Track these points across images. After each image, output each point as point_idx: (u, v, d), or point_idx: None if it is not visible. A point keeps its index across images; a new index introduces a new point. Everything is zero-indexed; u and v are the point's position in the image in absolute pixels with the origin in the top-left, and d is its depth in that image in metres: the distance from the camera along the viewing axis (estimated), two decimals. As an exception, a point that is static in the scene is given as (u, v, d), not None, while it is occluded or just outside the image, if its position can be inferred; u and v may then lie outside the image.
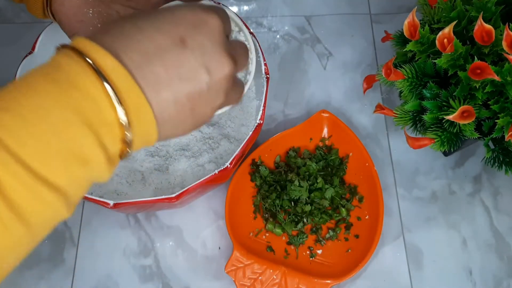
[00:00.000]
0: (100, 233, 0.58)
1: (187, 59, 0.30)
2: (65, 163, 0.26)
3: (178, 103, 0.30)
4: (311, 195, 0.55)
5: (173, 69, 0.29)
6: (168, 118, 0.30)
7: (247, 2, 0.73)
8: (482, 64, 0.43)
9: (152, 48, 0.29)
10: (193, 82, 0.30)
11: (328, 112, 0.60)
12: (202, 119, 0.33)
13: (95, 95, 0.26)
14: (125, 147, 0.29)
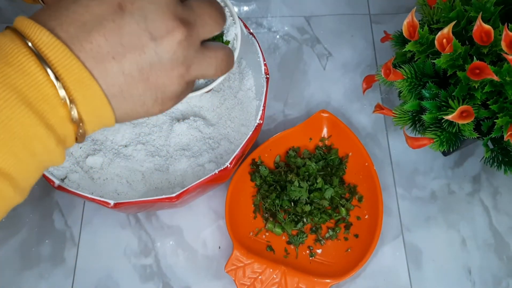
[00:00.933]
0: (101, 232, 0.58)
1: (127, 25, 0.27)
2: (7, 146, 0.25)
3: (128, 75, 0.28)
4: (310, 195, 0.56)
5: (113, 37, 0.27)
6: (120, 91, 0.28)
7: (247, 3, 0.73)
8: (481, 64, 0.43)
9: (89, 18, 0.27)
10: (139, 50, 0.28)
11: (327, 112, 0.60)
12: (162, 92, 0.30)
13: (32, 73, 0.25)
14: (76, 127, 0.27)
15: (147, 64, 0.28)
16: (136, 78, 0.28)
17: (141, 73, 0.28)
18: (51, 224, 0.58)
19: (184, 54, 0.29)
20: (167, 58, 0.29)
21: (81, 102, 0.27)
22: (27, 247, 0.57)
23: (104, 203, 0.45)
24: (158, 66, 0.29)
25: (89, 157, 0.52)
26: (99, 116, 0.28)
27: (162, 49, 0.28)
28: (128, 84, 0.28)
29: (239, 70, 0.58)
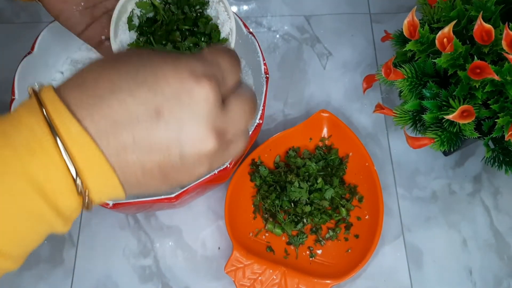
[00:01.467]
0: (100, 233, 0.58)
1: (160, 132, 0.27)
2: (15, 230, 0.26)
3: (147, 171, 0.28)
4: (311, 195, 0.55)
5: (142, 140, 0.27)
6: (136, 182, 0.28)
7: (247, 2, 0.73)
8: (481, 63, 0.43)
9: (122, 116, 0.27)
10: (164, 154, 0.28)
11: (328, 112, 0.59)
12: (179, 184, 0.30)
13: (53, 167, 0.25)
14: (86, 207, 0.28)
15: (170, 166, 0.28)
16: (155, 175, 0.28)
17: (162, 171, 0.28)
18: (50, 225, 0.58)
19: (209, 161, 0.29)
20: (191, 163, 0.29)
21: (95, 190, 0.27)
22: (26, 248, 0.57)
23: (103, 204, 0.45)
24: (181, 168, 0.29)
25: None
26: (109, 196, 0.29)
27: (188, 157, 0.28)
28: (145, 178, 0.28)
29: (238, 70, 0.58)
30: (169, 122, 0.27)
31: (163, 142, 0.27)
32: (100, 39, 0.47)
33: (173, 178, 0.29)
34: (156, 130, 0.27)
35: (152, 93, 0.27)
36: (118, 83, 0.27)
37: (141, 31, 0.48)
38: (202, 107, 0.28)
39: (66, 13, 0.44)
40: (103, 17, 0.46)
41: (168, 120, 0.27)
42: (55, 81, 0.56)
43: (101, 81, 0.27)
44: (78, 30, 0.45)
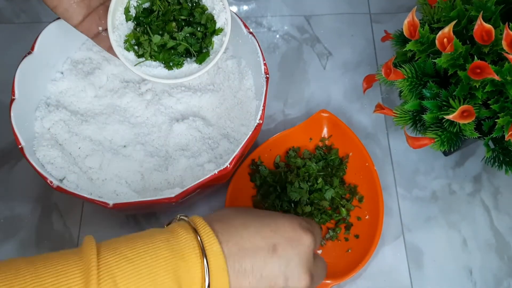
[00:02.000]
0: (100, 233, 0.58)
1: (273, 264, 0.36)
2: None
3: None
4: (311, 196, 0.55)
5: (258, 268, 0.35)
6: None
7: (247, 2, 0.73)
8: (482, 63, 0.43)
9: (249, 246, 0.35)
10: (270, 283, 0.36)
11: (328, 112, 0.59)
12: None
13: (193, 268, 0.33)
14: None
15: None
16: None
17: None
18: (50, 225, 0.58)
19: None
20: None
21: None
22: (26, 248, 0.57)
23: (103, 204, 0.45)
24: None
25: (88, 157, 0.52)
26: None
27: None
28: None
29: (238, 70, 0.58)
30: (281, 257, 0.36)
31: (273, 273, 0.36)
32: (97, 30, 0.47)
33: None
34: (271, 262, 0.36)
35: (273, 233, 0.37)
36: (249, 223, 0.37)
37: (138, 22, 0.48)
38: (305, 251, 0.37)
39: (63, 5, 0.45)
40: (100, 8, 0.47)
41: (281, 255, 0.36)
42: (56, 81, 0.56)
43: (236, 219, 0.37)
44: (75, 21, 0.46)
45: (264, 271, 0.35)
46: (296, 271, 0.36)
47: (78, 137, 0.53)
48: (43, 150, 0.50)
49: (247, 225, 0.37)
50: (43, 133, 0.52)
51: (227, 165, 0.47)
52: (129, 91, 0.57)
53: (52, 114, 0.53)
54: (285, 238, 0.37)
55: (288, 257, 0.36)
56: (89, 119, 0.55)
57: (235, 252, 0.35)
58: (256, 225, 0.37)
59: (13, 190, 0.60)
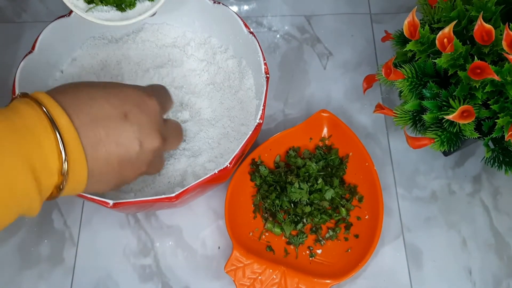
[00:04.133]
0: (100, 232, 0.58)
1: (127, 131, 0.36)
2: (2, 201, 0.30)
3: (110, 164, 0.36)
4: (311, 196, 0.55)
5: (113, 135, 0.36)
6: (98, 175, 0.36)
7: (247, 2, 0.73)
8: (482, 63, 0.43)
9: (101, 115, 0.35)
10: (126, 149, 0.37)
11: (328, 112, 0.60)
12: (124, 181, 0.39)
13: (45, 145, 0.32)
14: (56, 192, 0.34)
15: (127, 160, 0.37)
16: (114, 169, 0.37)
17: (120, 166, 0.37)
18: (50, 224, 0.58)
19: (152, 159, 0.40)
20: (141, 160, 0.38)
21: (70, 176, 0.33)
22: (26, 247, 0.57)
23: (103, 203, 0.45)
24: (133, 163, 0.38)
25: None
26: (74, 188, 0.35)
27: (141, 153, 0.38)
28: (107, 172, 0.36)
29: (239, 70, 0.58)
30: (133, 124, 0.37)
31: (128, 138, 0.37)
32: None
33: (124, 174, 0.38)
34: (124, 129, 0.36)
35: (121, 102, 0.37)
36: (95, 94, 0.36)
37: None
38: (154, 115, 0.39)
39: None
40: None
41: (133, 122, 0.37)
42: (57, 80, 0.56)
43: (81, 93, 0.36)
44: None
45: (119, 138, 0.36)
46: (149, 134, 0.38)
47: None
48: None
49: (94, 96, 0.36)
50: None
51: (227, 164, 0.47)
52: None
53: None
54: (133, 105, 0.38)
55: (139, 122, 0.37)
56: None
57: (87, 123, 0.34)
58: (103, 95, 0.37)
59: (13, 189, 0.60)
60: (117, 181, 0.39)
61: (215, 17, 0.57)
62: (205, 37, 0.61)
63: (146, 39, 0.60)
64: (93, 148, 0.35)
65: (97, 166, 0.35)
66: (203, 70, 0.59)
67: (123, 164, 0.37)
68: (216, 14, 0.56)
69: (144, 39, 0.60)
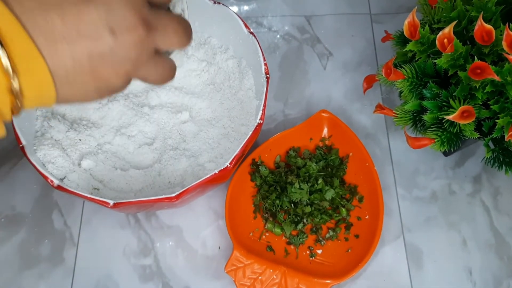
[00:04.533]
0: (100, 232, 0.58)
1: (89, 14, 0.27)
2: None
3: (76, 60, 0.28)
4: (311, 196, 0.55)
5: (72, 22, 0.27)
6: (66, 74, 0.28)
7: (247, 2, 0.73)
8: (482, 64, 0.43)
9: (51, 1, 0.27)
10: (94, 40, 0.28)
11: (328, 112, 0.60)
12: (106, 85, 0.30)
13: None
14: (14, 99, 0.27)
15: (99, 55, 0.28)
16: (84, 67, 0.28)
17: (91, 62, 0.28)
18: (50, 224, 0.58)
19: (137, 54, 0.29)
20: (120, 55, 0.29)
21: (24, 74, 0.26)
22: (26, 247, 0.57)
23: (103, 203, 0.45)
24: (109, 59, 0.29)
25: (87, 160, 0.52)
26: (40, 93, 0.28)
27: (117, 45, 0.28)
28: (75, 70, 0.28)
29: (239, 70, 0.58)
30: (98, 4, 0.27)
31: (92, 25, 0.27)
32: None
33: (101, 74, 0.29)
34: (86, 11, 0.27)
35: None
36: None
37: None
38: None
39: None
40: None
41: (97, 2, 0.27)
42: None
43: None
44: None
45: (79, 24, 0.27)
46: (122, 16, 0.28)
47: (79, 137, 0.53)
48: (44, 149, 0.50)
49: None
50: (44, 133, 0.52)
51: (228, 164, 0.47)
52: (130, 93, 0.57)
53: (53, 113, 0.53)
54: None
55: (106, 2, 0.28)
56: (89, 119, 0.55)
57: (31, 7, 0.26)
58: None
59: (14, 189, 0.60)
60: (96, 84, 0.30)
61: (215, 17, 0.57)
62: (205, 37, 0.61)
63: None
64: (47, 40, 0.27)
65: (61, 63, 0.27)
66: (203, 70, 0.59)
67: (94, 60, 0.28)
68: (216, 14, 0.56)
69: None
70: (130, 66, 0.30)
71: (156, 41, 0.30)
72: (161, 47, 0.31)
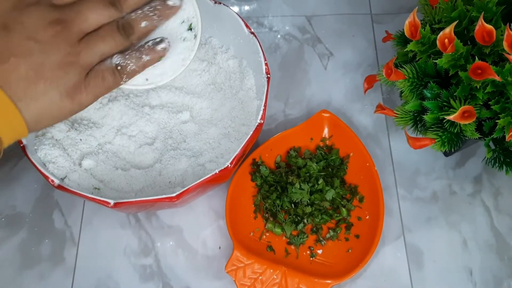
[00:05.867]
0: (101, 232, 0.58)
1: (13, 38, 0.33)
2: None
3: (25, 76, 0.33)
4: (311, 197, 0.55)
5: (3, 49, 0.33)
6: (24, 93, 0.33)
7: (248, 2, 0.73)
8: (483, 64, 0.43)
9: None
10: (27, 53, 0.33)
11: (328, 112, 0.60)
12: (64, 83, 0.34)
13: None
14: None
15: (38, 63, 0.33)
16: (33, 77, 0.33)
17: (36, 71, 0.33)
18: (51, 224, 0.58)
19: (64, 45, 0.34)
20: (52, 52, 0.34)
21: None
22: (27, 247, 0.57)
23: (104, 203, 0.45)
24: (48, 61, 0.33)
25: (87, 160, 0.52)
26: (7, 124, 0.32)
27: (44, 46, 0.34)
28: (29, 84, 0.33)
29: (240, 70, 0.58)
30: (16, 29, 0.33)
31: (20, 44, 0.33)
32: None
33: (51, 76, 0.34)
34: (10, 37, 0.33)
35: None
36: None
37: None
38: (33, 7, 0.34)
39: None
40: None
41: (15, 27, 0.33)
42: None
43: None
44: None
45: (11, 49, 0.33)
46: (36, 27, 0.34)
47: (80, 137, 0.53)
48: (45, 149, 0.50)
49: None
50: (44, 132, 0.52)
51: (228, 164, 0.47)
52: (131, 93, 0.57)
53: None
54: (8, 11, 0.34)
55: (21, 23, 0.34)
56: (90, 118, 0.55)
57: None
58: None
59: (14, 189, 0.60)
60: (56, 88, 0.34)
61: (216, 18, 0.57)
62: (206, 38, 0.61)
63: (147, 39, 0.60)
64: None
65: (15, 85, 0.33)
66: (204, 70, 0.59)
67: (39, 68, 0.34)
68: (217, 14, 0.56)
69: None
70: (69, 56, 0.35)
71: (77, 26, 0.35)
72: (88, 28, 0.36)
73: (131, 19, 0.38)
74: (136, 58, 0.38)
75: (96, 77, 0.37)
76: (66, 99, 0.35)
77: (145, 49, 0.39)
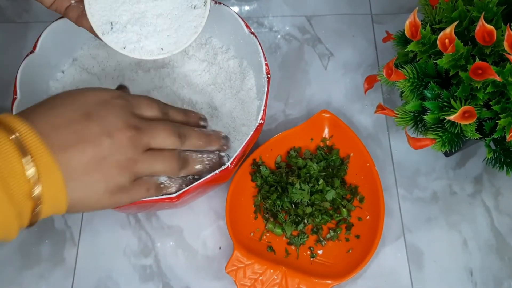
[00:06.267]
0: (101, 233, 0.58)
1: (91, 127, 0.36)
2: None
3: (86, 163, 0.36)
4: (312, 197, 0.55)
5: (78, 134, 0.36)
6: (77, 176, 0.35)
7: (248, 2, 0.73)
8: (483, 64, 0.43)
9: (62, 121, 0.36)
10: (96, 144, 0.36)
11: (329, 112, 0.60)
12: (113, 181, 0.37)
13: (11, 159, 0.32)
14: (34, 204, 0.33)
15: (102, 156, 0.36)
16: (92, 167, 0.36)
17: (97, 163, 0.36)
18: (51, 224, 0.58)
19: (131, 150, 0.38)
20: (118, 152, 0.37)
21: (43, 180, 0.33)
22: (27, 247, 0.57)
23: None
24: (111, 158, 0.37)
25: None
26: (54, 197, 0.34)
27: (114, 143, 0.37)
28: (85, 171, 0.36)
29: (240, 70, 0.58)
30: (96, 120, 0.37)
31: (94, 134, 0.36)
32: (69, 3, 0.47)
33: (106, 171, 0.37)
34: (88, 125, 0.36)
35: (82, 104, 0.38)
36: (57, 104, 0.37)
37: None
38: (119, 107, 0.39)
39: (60, 8, 0.47)
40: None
41: (96, 119, 0.37)
42: (57, 80, 0.56)
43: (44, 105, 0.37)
44: (47, 3, 0.47)
45: (84, 136, 0.36)
46: (114, 124, 0.37)
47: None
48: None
49: (54, 105, 0.37)
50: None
51: (228, 165, 0.47)
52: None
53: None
54: (95, 104, 0.38)
55: (102, 117, 0.37)
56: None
57: (49, 129, 0.35)
58: (64, 102, 0.37)
59: (14, 189, 0.60)
60: (104, 183, 0.37)
61: (216, 18, 0.57)
62: (206, 38, 0.61)
63: (147, 39, 0.60)
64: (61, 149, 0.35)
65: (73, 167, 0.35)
66: (204, 70, 0.59)
67: (100, 160, 0.36)
68: (217, 14, 0.56)
69: (145, 39, 0.60)
70: (129, 161, 0.38)
71: (147, 139, 0.39)
72: (154, 146, 0.40)
73: (191, 157, 0.44)
74: (178, 184, 0.44)
75: (140, 186, 0.41)
76: (108, 195, 0.38)
77: (186, 180, 0.45)
